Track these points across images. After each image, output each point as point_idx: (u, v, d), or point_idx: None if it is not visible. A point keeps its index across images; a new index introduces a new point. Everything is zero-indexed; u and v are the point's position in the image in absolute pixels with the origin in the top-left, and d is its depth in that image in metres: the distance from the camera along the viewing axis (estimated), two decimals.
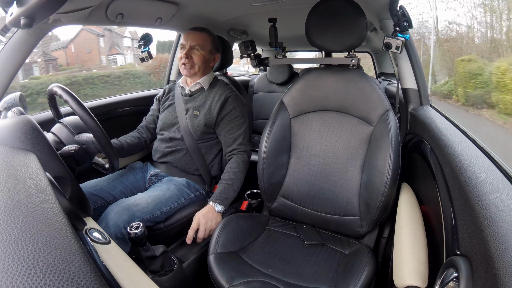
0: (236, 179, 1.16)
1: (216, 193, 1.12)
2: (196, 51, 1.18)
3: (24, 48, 1.01)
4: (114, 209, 0.95)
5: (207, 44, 1.20)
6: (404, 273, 0.63)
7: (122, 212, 0.94)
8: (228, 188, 1.14)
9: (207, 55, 1.21)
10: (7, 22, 0.73)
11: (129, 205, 0.97)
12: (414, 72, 1.13)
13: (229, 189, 1.14)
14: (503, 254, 0.39)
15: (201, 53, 1.18)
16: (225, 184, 1.14)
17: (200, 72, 1.22)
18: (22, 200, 0.38)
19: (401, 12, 0.95)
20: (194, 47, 1.18)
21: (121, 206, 0.96)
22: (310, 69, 1.15)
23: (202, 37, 1.20)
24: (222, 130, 1.20)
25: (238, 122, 1.20)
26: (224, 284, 0.82)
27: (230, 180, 1.15)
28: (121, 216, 0.93)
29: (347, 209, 1.02)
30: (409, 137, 1.13)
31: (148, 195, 1.06)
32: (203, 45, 1.19)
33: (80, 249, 0.32)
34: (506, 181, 0.56)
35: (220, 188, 1.14)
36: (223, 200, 1.11)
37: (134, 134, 1.30)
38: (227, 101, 1.19)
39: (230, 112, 1.19)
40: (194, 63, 1.18)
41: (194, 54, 1.18)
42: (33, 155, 0.58)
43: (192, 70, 1.19)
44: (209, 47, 1.21)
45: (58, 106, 0.98)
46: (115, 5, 1.08)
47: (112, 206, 0.97)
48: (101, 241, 0.63)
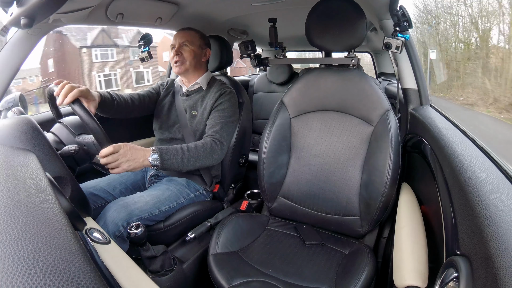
0: (194, 152, 1.01)
1: (164, 147, 0.98)
2: (185, 47, 1.19)
3: (24, 48, 1.01)
4: (113, 207, 0.95)
5: (195, 39, 1.22)
6: (404, 273, 0.63)
7: (121, 210, 0.94)
8: (178, 151, 0.98)
9: (197, 50, 1.22)
10: (7, 22, 0.73)
11: (127, 203, 0.97)
12: (414, 72, 1.13)
13: (178, 153, 0.98)
14: (503, 254, 0.39)
15: (190, 48, 1.19)
16: (179, 147, 0.99)
17: (192, 68, 1.21)
18: (22, 200, 0.38)
19: (401, 12, 0.95)
20: (183, 44, 1.19)
21: (120, 204, 0.96)
22: (310, 69, 1.15)
23: (190, 34, 1.21)
24: (208, 120, 1.18)
25: (223, 113, 1.17)
26: (224, 284, 0.82)
27: (187, 148, 1.01)
28: (119, 214, 0.93)
29: (347, 209, 1.02)
30: (409, 137, 1.13)
31: (147, 194, 1.05)
32: (191, 40, 1.20)
33: (80, 249, 0.32)
34: (506, 181, 0.56)
35: (172, 147, 0.99)
36: (164, 156, 0.94)
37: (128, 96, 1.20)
38: (221, 96, 1.19)
39: (220, 104, 1.18)
40: (185, 58, 1.19)
41: (184, 50, 1.19)
42: (33, 155, 0.58)
43: (183, 66, 1.19)
44: (198, 42, 1.22)
45: (58, 106, 0.98)
46: (115, 5, 1.08)
47: (110, 204, 0.97)
48: (101, 241, 0.63)
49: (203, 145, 1.05)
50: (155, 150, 0.94)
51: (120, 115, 1.16)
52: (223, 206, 1.26)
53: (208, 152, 1.05)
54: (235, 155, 1.30)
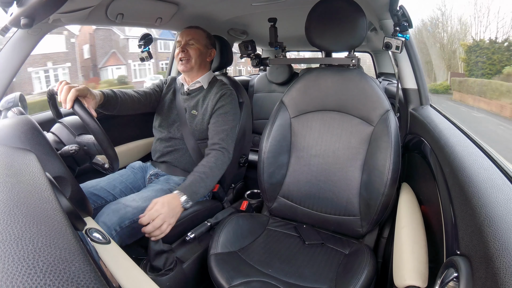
0: (211, 174, 1.04)
1: (186, 183, 0.98)
2: (192, 45, 1.19)
3: (24, 48, 1.01)
4: (105, 211, 0.94)
5: (202, 38, 1.22)
6: (404, 273, 0.63)
7: (112, 214, 0.93)
8: (200, 181, 1.00)
9: (203, 49, 1.22)
10: (7, 22, 0.73)
11: (119, 207, 0.96)
12: (414, 72, 1.13)
13: (201, 183, 1.00)
14: (503, 254, 0.39)
15: (196, 46, 1.20)
16: (198, 177, 1.01)
17: (197, 67, 1.22)
18: (22, 200, 0.38)
19: (401, 12, 0.95)
20: (190, 41, 1.19)
21: (111, 209, 0.95)
22: (310, 69, 1.15)
23: (197, 32, 1.22)
24: (210, 124, 1.18)
25: (226, 117, 1.17)
26: (224, 284, 0.82)
27: (204, 174, 1.02)
28: (111, 218, 0.92)
29: (347, 209, 1.02)
30: (409, 137, 1.13)
31: (139, 196, 1.04)
32: (198, 39, 1.21)
33: (80, 249, 0.32)
34: (506, 181, 0.56)
35: (190, 179, 1.00)
36: (191, 193, 0.96)
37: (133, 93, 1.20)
38: (221, 97, 1.19)
39: (221, 107, 1.18)
40: (191, 56, 1.19)
41: (190, 48, 1.19)
42: (33, 155, 0.58)
43: (189, 65, 1.19)
44: (204, 41, 1.23)
45: (58, 106, 0.98)
46: (115, 5, 1.08)
47: (103, 209, 0.96)
48: (101, 241, 0.63)
49: (215, 162, 1.07)
50: (181, 192, 0.95)
51: (124, 112, 1.16)
52: (223, 206, 1.26)
53: (220, 166, 1.09)
54: (235, 155, 1.30)
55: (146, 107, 1.24)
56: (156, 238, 0.86)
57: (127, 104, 1.14)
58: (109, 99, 1.05)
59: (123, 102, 1.12)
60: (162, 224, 0.87)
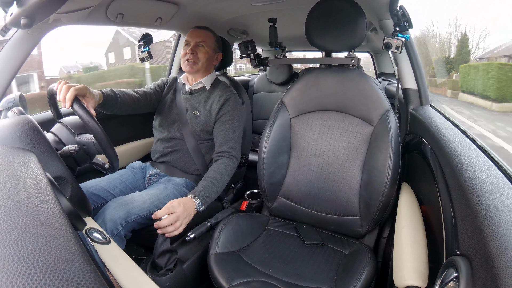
0: (222, 180, 1.09)
1: (199, 188, 1.03)
2: (201, 48, 1.19)
3: (24, 48, 1.01)
4: (111, 205, 0.95)
5: (211, 41, 1.22)
6: (404, 273, 0.63)
7: (119, 208, 0.94)
8: (212, 186, 1.05)
9: (211, 53, 1.22)
10: (7, 22, 0.73)
11: (126, 201, 0.97)
12: (414, 72, 1.13)
13: (213, 188, 1.05)
14: (503, 254, 0.39)
15: (206, 50, 1.20)
16: (210, 182, 1.06)
17: (202, 70, 1.22)
18: (22, 200, 0.38)
19: (401, 12, 0.95)
20: (200, 44, 1.19)
21: (118, 203, 0.96)
22: (310, 69, 1.15)
23: (207, 34, 1.21)
24: (216, 130, 1.19)
25: (233, 124, 1.19)
26: (224, 284, 0.82)
27: (216, 180, 1.07)
28: (118, 212, 0.93)
29: (347, 209, 1.02)
30: (409, 137, 1.13)
31: (145, 193, 1.06)
32: (208, 42, 1.21)
33: (80, 249, 0.32)
34: (506, 181, 0.56)
35: (203, 184, 1.04)
36: (204, 197, 1.01)
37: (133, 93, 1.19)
38: (226, 102, 1.20)
39: (227, 113, 1.19)
40: (199, 59, 1.19)
41: (200, 51, 1.19)
42: (33, 155, 0.58)
43: (195, 66, 1.19)
44: (213, 45, 1.23)
45: (58, 106, 0.98)
46: (115, 5, 1.08)
47: (109, 202, 0.97)
48: (101, 241, 0.63)
49: (225, 168, 1.12)
50: (195, 196, 1.00)
51: (124, 112, 1.16)
52: (223, 206, 1.27)
53: (230, 172, 1.14)
54: None
55: (146, 107, 1.24)
56: (169, 234, 0.90)
57: (127, 104, 1.14)
58: (108, 99, 1.05)
59: (123, 102, 1.12)
60: (176, 222, 0.91)
